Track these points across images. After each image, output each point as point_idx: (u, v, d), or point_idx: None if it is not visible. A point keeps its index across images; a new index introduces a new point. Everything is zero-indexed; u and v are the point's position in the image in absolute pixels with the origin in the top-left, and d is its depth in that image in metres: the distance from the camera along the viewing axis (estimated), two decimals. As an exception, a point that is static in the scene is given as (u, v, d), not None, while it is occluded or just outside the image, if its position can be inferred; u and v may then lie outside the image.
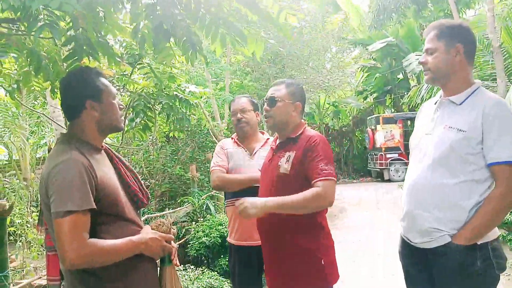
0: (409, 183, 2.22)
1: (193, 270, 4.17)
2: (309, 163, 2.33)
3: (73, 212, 1.64)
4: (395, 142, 16.30)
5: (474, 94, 2.11)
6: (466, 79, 2.15)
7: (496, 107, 2.01)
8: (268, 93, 2.58)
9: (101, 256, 1.71)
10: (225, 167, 3.16)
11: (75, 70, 2.00)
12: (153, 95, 4.22)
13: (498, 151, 1.97)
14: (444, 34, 2.14)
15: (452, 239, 2.03)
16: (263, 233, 2.53)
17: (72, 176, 1.68)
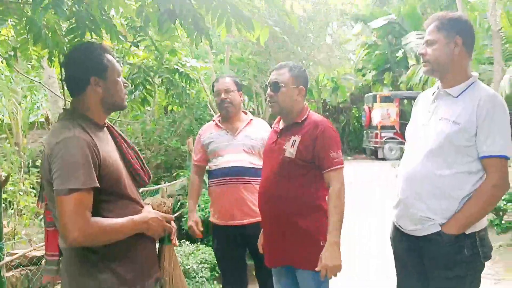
0: (404, 172, 2.27)
1: (188, 245, 4.22)
2: (319, 151, 2.39)
3: (76, 190, 1.64)
4: (391, 121, 16.36)
5: (471, 87, 2.14)
6: (464, 72, 2.17)
7: (491, 101, 2.04)
8: (271, 77, 2.57)
9: (103, 235, 1.73)
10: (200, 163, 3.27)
11: (80, 45, 1.96)
12: (153, 68, 4.18)
13: (490, 144, 2.02)
14: (444, 26, 2.15)
15: (442, 228, 2.09)
16: (264, 213, 2.59)
17: (76, 154, 1.67)
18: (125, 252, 1.83)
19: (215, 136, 3.17)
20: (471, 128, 2.04)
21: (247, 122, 3.20)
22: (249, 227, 3.01)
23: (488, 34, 9.65)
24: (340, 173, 2.41)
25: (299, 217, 2.42)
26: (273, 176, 2.50)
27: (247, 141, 3.11)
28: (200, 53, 8.91)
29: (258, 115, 11.70)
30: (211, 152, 3.15)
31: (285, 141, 2.49)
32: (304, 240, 2.42)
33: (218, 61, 10.03)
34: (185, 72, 4.19)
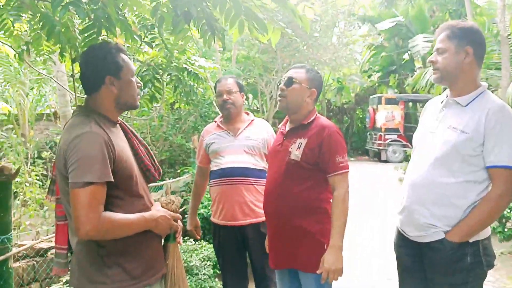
0: (410, 179, 2.29)
1: (191, 242, 4.25)
2: (325, 155, 2.41)
3: (92, 183, 1.67)
4: (395, 123, 16.34)
5: (480, 96, 2.15)
6: (474, 81, 2.18)
7: (499, 112, 2.06)
8: (287, 73, 2.59)
9: (114, 230, 1.76)
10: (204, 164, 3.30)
11: (96, 44, 2.00)
12: (162, 66, 4.21)
13: (497, 155, 2.03)
14: (455, 35, 2.17)
15: (446, 235, 2.11)
16: (269, 214, 2.61)
17: (93, 148, 1.71)
18: (133, 248, 1.87)
19: (216, 137, 3.18)
20: (479, 137, 2.05)
21: (249, 122, 3.21)
22: (250, 227, 3.03)
23: (496, 40, 9.62)
24: (345, 177, 2.43)
25: (303, 219, 2.44)
26: (278, 177, 2.52)
27: (248, 142, 3.11)
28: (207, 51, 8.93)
29: (262, 114, 11.73)
30: (212, 152, 3.16)
31: (291, 143, 2.51)
32: (308, 243, 2.44)
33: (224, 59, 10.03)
34: (194, 71, 4.22)
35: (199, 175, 3.36)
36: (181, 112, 8.22)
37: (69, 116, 5.25)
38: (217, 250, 3.25)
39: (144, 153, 2.07)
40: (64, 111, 5.31)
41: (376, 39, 19.99)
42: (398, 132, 16.20)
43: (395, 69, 19.60)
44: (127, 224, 1.80)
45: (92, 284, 1.80)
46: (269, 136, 3.21)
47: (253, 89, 11.85)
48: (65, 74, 5.40)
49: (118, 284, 1.81)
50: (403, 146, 15.65)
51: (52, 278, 3.65)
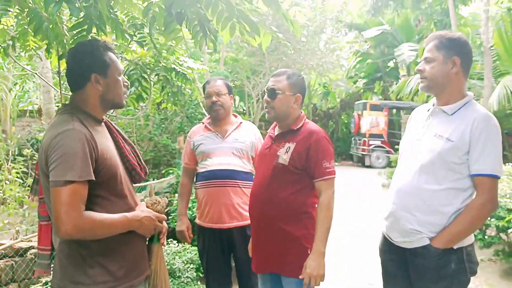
0: (396, 185, 2.31)
1: (175, 245, 4.22)
2: (312, 160, 2.41)
3: (72, 182, 1.65)
4: (379, 130, 16.48)
5: (466, 106, 2.19)
6: (460, 91, 2.22)
7: (484, 121, 2.09)
8: (269, 83, 2.59)
9: (95, 229, 1.73)
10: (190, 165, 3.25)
11: (84, 42, 1.98)
12: (149, 65, 4.18)
13: (482, 163, 2.06)
14: (443, 45, 2.20)
15: (431, 242, 2.14)
16: (254, 217, 2.60)
17: (74, 146, 1.68)
18: (116, 248, 1.84)
19: (204, 138, 3.15)
20: (464, 146, 2.08)
21: (237, 125, 3.19)
22: (236, 230, 3.01)
23: (479, 51, 9.80)
24: (331, 183, 2.44)
25: (288, 223, 2.44)
26: (265, 181, 2.52)
27: (237, 144, 3.10)
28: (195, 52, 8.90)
29: (249, 116, 11.74)
30: (200, 154, 3.13)
31: (279, 147, 2.51)
32: (292, 247, 2.44)
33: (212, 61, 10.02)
34: (182, 72, 4.20)
35: (185, 176, 3.31)
36: (167, 112, 8.19)
37: (52, 113, 5.18)
38: (201, 252, 3.21)
39: (130, 152, 2.04)
40: (48, 108, 5.25)
41: (362, 46, 20.18)
42: (382, 138, 16.35)
43: (380, 76, 19.81)
44: (109, 224, 1.77)
45: (74, 285, 1.77)
46: (257, 140, 3.21)
47: (240, 92, 11.85)
48: (50, 71, 5.33)
49: (101, 285, 1.78)
50: (387, 152, 15.79)
51: (31, 278, 3.58)
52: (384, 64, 19.36)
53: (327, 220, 2.38)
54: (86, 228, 1.69)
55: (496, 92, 8.49)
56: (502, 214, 4.46)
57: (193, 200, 5.02)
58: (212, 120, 3.21)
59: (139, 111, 7.06)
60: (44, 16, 2.78)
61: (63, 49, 3.01)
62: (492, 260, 5.35)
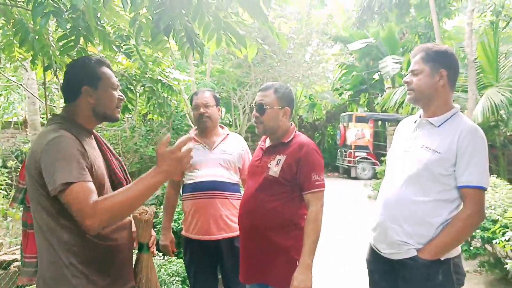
0: (384, 197, 2.32)
1: (160, 257, 4.18)
2: (302, 173, 2.42)
3: (74, 182, 1.63)
4: (365, 141, 16.61)
5: (452, 118, 2.21)
6: (446, 103, 2.25)
7: (471, 133, 2.12)
8: (256, 98, 2.61)
9: (119, 211, 1.67)
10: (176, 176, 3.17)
11: (81, 57, 2.03)
12: (135, 77, 4.18)
13: (469, 175, 2.08)
14: (430, 58, 2.23)
15: (418, 253, 2.15)
16: (244, 228, 2.60)
17: (66, 149, 1.69)
18: (101, 258, 1.83)
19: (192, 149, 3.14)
20: (451, 158, 2.10)
21: (224, 136, 3.19)
22: (224, 242, 3.00)
23: (463, 63, 9.97)
24: (320, 195, 2.44)
25: (277, 234, 2.44)
26: (255, 192, 2.53)
27: (224, 156, 3.09)
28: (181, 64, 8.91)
29: (235, 128, 11.74)
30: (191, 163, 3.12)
31: (270, 159, 2.53)
32: (281, 258, 2.44)
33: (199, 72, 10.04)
34: (168, 83, 4.20)
35: (171, 187, 3.27)
36: (153, 123, 8.15)
37: (37, 124, 5.13)
38: (188, 265, 3.18)
39: (117, 165, 2.05)
40: (33, 119, 5.19)
41: (348, 59, 20.40)
42: (367, 150, 16.47)
43: (365, 88, 20.02)
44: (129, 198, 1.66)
45: None
46: (244, 151, 3.21)
47: (227, 103, 11.86)
48: (36, 82, 5.29)
49: None
50: (372, 163, 15.91)
51: (15, 289, 3.52)
52: (369, 76, 19.58)
53: (315, 232, 2.38)
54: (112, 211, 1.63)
55: (480, 104, 8.63)
56: (487, 225, 4.50)
57: (179, 212, 4.99)
58: (200, 131, 3.20)
59: (125, 122, 7.03)
60: (30, 27, 2.77)
61: (49, 60, 3.00)
62: (477, 271, 5.38)
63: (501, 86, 8.99)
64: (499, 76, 9.50)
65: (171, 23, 1.86)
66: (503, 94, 8.57)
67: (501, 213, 4.49)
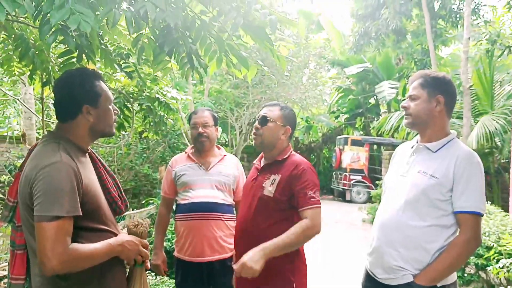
0: (381, 221, 2.32)
1: (153, 277, 4.13)
2: (297, 190, 2.40)
3: (60, 217, 1.61)
4: (360, 165, 16.60)
5: (449, 144, 2.23)
6: (443, 129, 2.27)
7: (468, 159, 2.13)
8: (261, 111, 2.61)
9: (82, 262, 1.70)
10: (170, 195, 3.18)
11: (74, 71, 1.95)
12: (133, 95, 4.20)
13: (465, 201, 2.09)
14: (428, 83, 2.26)
15: (414, 279, 2.13)
16: (239, 249, 2.55)
17: (62, 180, 1.65)
18: (96, 279, 1.80)
19: (187, 168, 3.10)
20: (448, 183, 2.11)
21: (220, 157, 3.17)
22: (217, 263, 2.96)
23: (459, 90, 10.07)
24: (316, 212, 2.36)
25: (273, 257, 2.41)
26: (250, 212, 2.51)
27: (220, 177, 3.07)
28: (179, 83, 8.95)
29: (231, 148, 11.75)
30: (182, 184, 3.07)
31: (265, 178, 2.51)
32: (277, 280, 2.41)
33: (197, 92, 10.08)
34: (166, 102, 4.22)
35: (164, 206, 3.23)
36: (149, 141, 8.15)
37: (33, 139, 5.11)
38: (178, 286, 3.13)
39: (112, 184, 2.02)
40: (29, 134, 5.17)
41: (344, 82, 20.57)
42: (362, 173, 16.46)
43: (361, 112, 20.12)
44: (94, 254, 1.73)
45: None
46: (239, 173, 3.19)
47: (223, 123, 11.88)
48: (33, 97, 5.29)
49: None
50: (367, 187, 15.89)
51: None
52: (365, 101, 19.71)
53: (294, 237, 2.28)
54: (72, 262, 1.65)
55: (475, 131, 8.70)
56: (481, 252, 4.49)
57: (172, 231, 4.95)
58: (196, 150, 3.18)
59: (121, 139, 7.02)
60: (30, 43, 2.79)
61: (48, 76, 3.01)
62: (471, 298, 5.34)
63: (495, 113, 9.07)
64: (494, 103, 9.60)
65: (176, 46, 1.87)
66: (498, 122, 8.64)
67: (496, 240, 4.48)
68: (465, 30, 9.36)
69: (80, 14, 1.40)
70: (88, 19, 1.35)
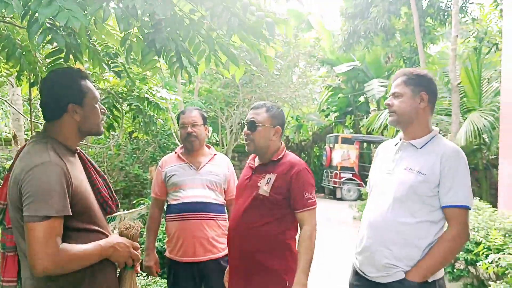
0: (369, 220, 2.33)
1: (144, 278, 4.12)
2: (293, 192, 2.42)
3: (49, 217, 1.60)
4: (350, 163, 16.67)
5: (433, 140, 2.27)
6: (426, 126, 2.30)
7: (453, 154, 2.17)
8: (248, 116, 2.61)
9: (72, 262, 1.69)
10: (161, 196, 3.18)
11: (59, 70, 1.95)
12: (122, 95, 4.17)
13: (453, 195, 2.12)
14: (411, 81, 2.29)
15: (406, 275, 2.15)
16: (232, 248, 2.57)
17: (51, 180, 1.64)
18: (86, 281, 1.79)
19: (177, 168, 3.09)
20: (435, 179, 2.14)
21: (211, 157, 3.16)
22: (209, 263, 2.95)
23: (447, 88, 10.15)
24: (313, 213, 2.43)
25: (266, 255, 2.42)
26: (244, 212, 2.50)
27: (211, 177, 3.06)
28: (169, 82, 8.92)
29: (221, 147, 11.74)
30: (172, 185, 3.06)
31: (260, 178, 2.51)
32: (271, 280, 2.42)
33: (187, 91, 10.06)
34: (155, 101, 4.20)
35: (155, 207, 3.21)
36: (139, 142, 8.11)
37: (22, 141, 5.07)
38: (171, 287, 3.12)
39: (102, 184, 2.01)
40: (18, 135, 5.12)
41: (334, 81, 20.63)
42: (353, 171, 16.53)
43: (351, 110, 20.21)
44: (85, 255, 1.73)
45: None
46: (230, 172, 3.19)
47: (214, 122, 11.87)
48: (21, 98, 5.24)
49: None
50: (357, 185, 15.96)
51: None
52: (355, 99, 19.80)
53: (310, 251, 2.36)
54: (63, 263, 1.65)
55: (464, 128, 8.76)
56: (471, 247, 4.53)
57: (163, 231, 4.94)
58: (186, 150, 3.17)
59: (110, 140, 6.99)
60: (17, 43, 2.76)
61: (35, 77, 2.98)
62: (461, 293, 5.39)
63: (484, 110, 9.15)
64: (482, 100, 9.68)
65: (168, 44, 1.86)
66: (486, 118, 8.71)
67: (485, 235, 4.53)
68: (453, 27, 9.42)
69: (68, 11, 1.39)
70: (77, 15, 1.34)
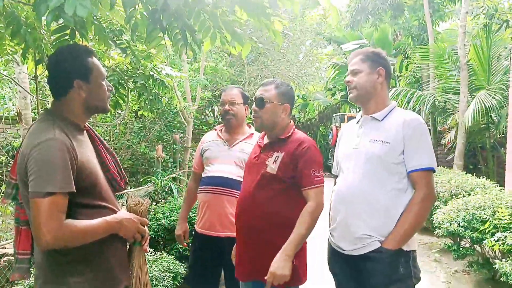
0: (341, 194, 2.38)
1: (152, 254, 4.17)
2: (301, 169, 2.42)
3: (53, 193, 1.63)
4: (356, 142, 16.63)
5: (392, 111, 2.37)
6: (385, 99, 2.41)
7: (414, 121, 2.26)
8: (257, 93, 2.60)
9: (77, 237, 1.72)
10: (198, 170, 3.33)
11: (65, 47, 1.95)
12: (127, 72, 4.16)
13: (418, 159, 2.21)
14: (368, 58, 2.40)
15: (382, 244, 2.22)
16: (239, 225, 2.59)
17: (55, 157, 1.66)
18: (97, 256, 1.83)
19: (212, 144, 3.22)
20: (399, 146, 2.22)
21: (247, 135, 3.22)
22: (227, 240, 3.00)
23: (455, 65, 10.01)
24: (321, 191, 2.42)
25: (273, 232, 2.43)
26: (252, 190, 2.51)
27: (241, 154, 3.12)
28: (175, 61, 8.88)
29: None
30: (205, 159, 3.20)
31: (268, 156, 2.51)
32: None
33: (192, 70, 10.02)
34: (160, 79, 4.19)
35: (192, 180, 3.40)
36: (145, 120, 8.12)
37: (29, 119, 5.08)
38: (193, 252, 3.25)
39: (111, 161, 2.04)
40: (24, 114, 5.13)
41: (341, 59, 20.42)
42: (359, 150, 16.50)
43: (357, 89, 20.06)
44: (90, 231, 1.76)
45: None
46: None
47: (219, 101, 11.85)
48: (27, 76, 5.24)
49: None
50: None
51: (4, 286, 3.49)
52: (362, 77, 19.63)
53: (306, 226, 2.35)
54: (67, 238, 1.67)
55: (471, 106, 8.68)
56: (476, 225, 4.54)
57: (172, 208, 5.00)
58: (224, 128, 3.27)
59: (117, 118, 7.00)
60: (22, 20, 2.74)
61: (41, 54, 2.97)
62: (466, 271, 5.43)
63: (492, 89, 9.04)
64: (491, 78, 9.56)
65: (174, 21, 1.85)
66: (494, 97, 8.62)
67: (491, 213, 4.54)
68: (463, 4, 9.27)
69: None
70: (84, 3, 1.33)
